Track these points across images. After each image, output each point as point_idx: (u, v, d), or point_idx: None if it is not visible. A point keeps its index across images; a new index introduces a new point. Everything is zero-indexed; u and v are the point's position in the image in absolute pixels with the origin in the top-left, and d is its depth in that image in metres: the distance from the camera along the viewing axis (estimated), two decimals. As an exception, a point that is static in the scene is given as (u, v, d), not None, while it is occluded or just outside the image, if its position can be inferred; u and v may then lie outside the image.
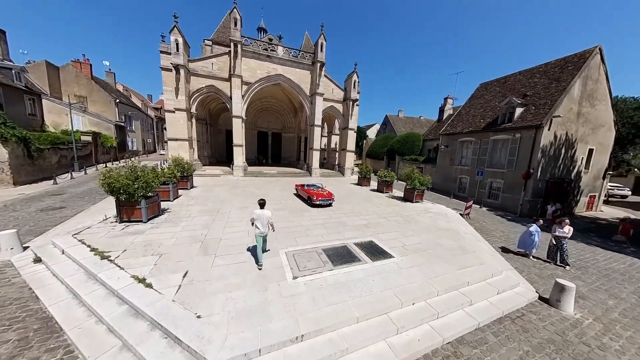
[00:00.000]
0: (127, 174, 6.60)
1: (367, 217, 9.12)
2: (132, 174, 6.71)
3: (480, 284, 4.84)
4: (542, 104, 12.77)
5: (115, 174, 6.41)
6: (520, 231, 9.94)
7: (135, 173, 6.75)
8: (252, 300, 3.75)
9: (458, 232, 8.02)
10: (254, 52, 18.74)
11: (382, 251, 5.95)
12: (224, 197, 11.09)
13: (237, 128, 18.72)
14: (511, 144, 13.44)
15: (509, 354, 3.37)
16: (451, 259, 5.77)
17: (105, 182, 6.21)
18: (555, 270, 6.29)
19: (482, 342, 3.56)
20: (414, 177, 12.06)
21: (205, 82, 17.98)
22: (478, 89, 19.24)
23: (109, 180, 6.21)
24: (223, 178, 17.67)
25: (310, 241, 6.34)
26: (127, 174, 6.62)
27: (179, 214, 8.01)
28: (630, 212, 16.62)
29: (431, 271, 5.06)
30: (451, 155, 17.71)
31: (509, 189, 13.63)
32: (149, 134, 39.83)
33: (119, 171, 6.67)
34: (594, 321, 4.29)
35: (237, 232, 6.67)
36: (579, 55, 13.13)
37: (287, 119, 30.62)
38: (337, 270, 4.82)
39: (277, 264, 5.00)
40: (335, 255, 5.53)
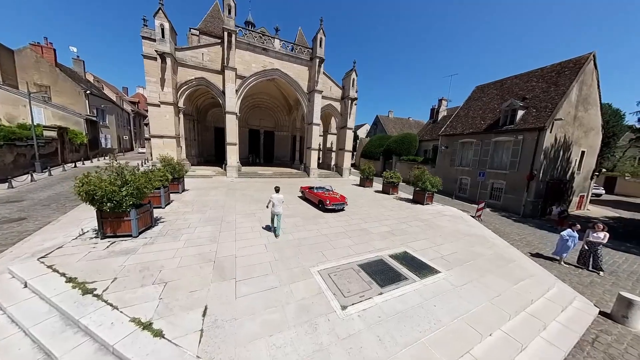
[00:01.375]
0: (113, 179, 5.29)
1: (386, 222, 8.49)
2: (118, 178, 5.40)
3: (541, 301, 4.36)
4: (543, 107, 13.08)
5: (96, 179, 5.08)
6: (533, 233, 9.96)
7: (122, 177, 5.45)
8: (304, 348, 2.86)
9: (485, 237, 7.67)
10: (249, 44, 17.41)
11: (423, 264, 5.31)
12: (224, 201, 9.87)
13: (231, 125, 17.27)
14: (513, 146, 13.64)
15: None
16: (498, 270, 5.28)
17: (83, 189, 4.88)
18: (591, 277, 6.09)
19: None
20: (425, 178, 11.69)
21: (194, 74, 16.32)
22: (474, 91, 19.59)
23: (87, 188, 4.88)
24: (216, 180, 16.16)
25: (340, 254, 5.53)
26: (112, 178, 5.31)
27: (177, 225, 6.76)
28: (612, 210, 17.89)
29: (489, 288, 4.50)
30: (451, 156, 17.80)
31: (511, 190, 13.83)
32: (125, 130, 36.23)
33: (100, 175, 5.34)
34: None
35: (253, 247, 5.65)
36: (574, 61, 13.67)
37: (281, 116, 29.36)
38: (388, 294, 4.07)
39: (315, 287, 4.13)
40: (376, 273, 4.77)
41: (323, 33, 19.25)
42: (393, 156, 25.10)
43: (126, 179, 5.43)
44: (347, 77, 22.20)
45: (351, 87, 21.85)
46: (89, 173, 5.23)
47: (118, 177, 5.41)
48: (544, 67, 15.13)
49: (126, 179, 5.43)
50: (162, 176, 7.95)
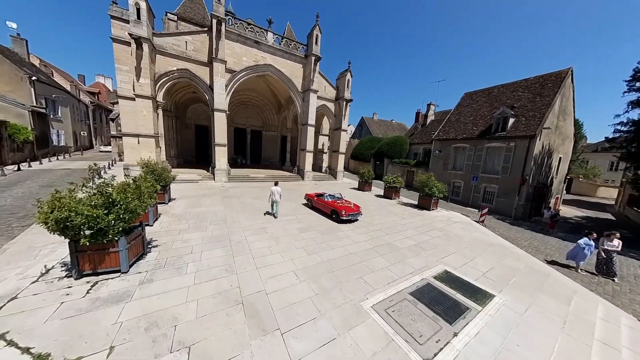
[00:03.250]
0: (96, 199, 3.94)
1: (406, 233, 8.09)
2: (101, 197, 4.05)
3: (599, 323, 4.20)
4: (532, 116, 13.97)
5: (70, 201, 3.71)
6: (533, 237, 10.40)
7: (107, 196, 4.11)
8: None
9: (504, 247, 7.67)
10: (240, 35, 15.89)
11: (472, 287, 4.91)
12: (223, 213, 8.58)
13: (220, 124, 15.62)
14: (505, 152, 14.38)
15: None
16: (544, 288, 5.12)
17: (54, 217, 3.49)
18: (609, 284, 6.30)
19: None
20: (432, 184, 11.64)
21: (176, 65, 14.34)
22: (464, 97, 20.49)
23: (59, 214, 3.51)
24: (204, 185, 14.42)
25: (382, 280, 4.88)
26: (94, 198, 3.95)
27: (175, 249, 5.48)
28: (577, 209, 20.10)
29: (551, 313, 4.22)
30: (445, 160, 18.32)
31: (503, 194, 14.58)
32: (82, 124, 31.26)
33: (73, 193, 3.94)
34: None
35: (281, 276, 4.71)
36: (555, 74, 14.88)
37: (269, 115, 27.86)
38: (462, 334, 3.52)
39: (379, 333, 3.40)
40: (433, 302, 4.22)
41: (319, 29, 18.45)
42: (385, 159, 25.29)
43: (112, 198, 4.08)
44: (342, 77, 21.71)
45: (346, 88, 21.41)
46: (59, 192, 3.80)
47: (101, 196, 4.05)
48: (527, 78, 16.30)
49: (112, 198, 4.08)
50: (150, 187, 6.48)
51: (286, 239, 6.68)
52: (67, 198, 3.68)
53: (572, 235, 11.44)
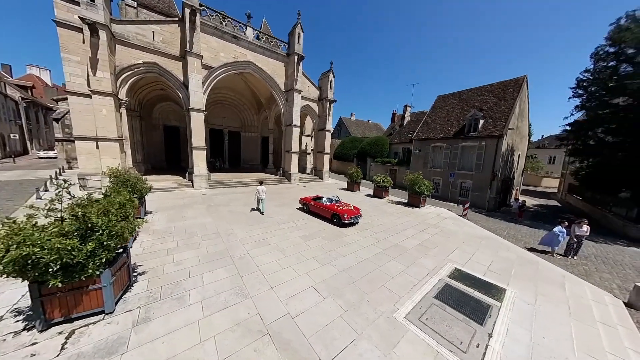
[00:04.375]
0: (69, 226, 3.06)
1: (407, 233, 8.25)
2: (76, 222, 3.17)
3: (594, 305, 4.72)
4: (498, 118, 15.60)
5: (32, 231, 2.80)
6: (509, 227, 11.55)
7: (83, 221, 3.23)
8: None
9: (494, 239, 8.34)
10: (216, 29, 14.66)
11: (483, 282, 5.13)
12: (214, 225, 7.71)
13: (197, 125, 14.20)
14: (478, 150, 15.82)
15: None
16: (540, 277, 5.60)
17: (11, 257, 2.56)
18: (579, 266, 7.22)
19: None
20: (420, 182, 12.18)
21: (142, 57, 12.59)
22: (437, 100, 22.04)
23: (19, 252, 2.60)
24: (181, 193, 12.94)
25: (404, 286, 4.80)
26: (66, 226, 3.06)
27: (167, 274, 4.65)
28: (532, 198, 23.17)
29: (557, 300, 4.60)
30: (424, 159, 19.47)
31: (477, 188, 16.02)
32: (11, 125, 25.76)
33: (33, 220, 3.00)
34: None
35: (301, 294, 4.30)
36: (514, 81, 16.87)
37: (248, 115, 26.46)
38: (496, 335, 3.58)
39: (423, 347, 3.26)
40: (458, 304, 4.27)
41: (301, 28, 18.03)
42: (368, 158, 25.94)
43: (92, 222, 3.22)
44: (324, 77, 21.59)
45: (329, 89, 21.35)
46: (13, 221, 2.84)
47: (75, 221, 3.16)
48: (491, 84, 18.21)
49: (92, 222, 3.22)
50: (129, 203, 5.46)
51: (292, 249, 6.23)
52: (28, 228, 2.76)
53: (535, 222, 13.05)
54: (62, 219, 3.25)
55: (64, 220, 3.20)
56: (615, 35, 12.00)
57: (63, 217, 3.23)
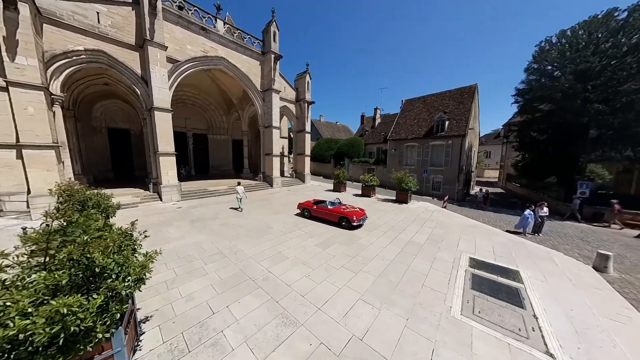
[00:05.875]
0: (65, 276, 2.04)
1: (411, 229, 8.60)
2: (76, 269, 2.17)
3: (581, 275, 5.67)
4: (459, 119, 17.88)
5: (17, 298, 1.76)
6: (480, 214, 13.26)
7: (81, 267, 2.23)
8: None
9: (481, 227, 9.36)
10: (181, 18, 12.87)
11: (500, 268, 5.65)
12: (210, 243, 6.60)
13: (164, 127, 12.15)
14: (445, 148, 17.81)
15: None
16: (534, 256, 6.48)
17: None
18: (547, 241, 8.70)
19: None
20: (407, 180, 12.98)
21: (83, 43, 10.10)
22: (405, 103, 24.05)
23: (6, 333, 1.57)
24: (148, 208, 10.80)
25: (440, 281, 4.89)
26: (62, 276, 2.04)
27: (182, 314, 3.68)
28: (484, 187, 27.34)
29: (557, 275, 5.36)
30: (399, 158, 20.95)
31: (447, 182, 18.01)
32: None
33: (12, 281, 1.91)
34: (628, 275, 6.19)
35: (352, 308, 3.93)
36: (468, 88, 19.63)
37: (216, 116, 24.18)
38: (539, 315, 3.91)
39: (491, 340, 3.30)
40: (493, 292, 4.56)
41: (276, 26, 17.29)
42: (345, 159, 26.55)
43: (99, 264, 2.25)
44: (301, 79, 21.20)
45: (306, 90, 21.05)
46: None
47: (73, 267, 2.15)
48: (450, 89, 20.82)
49: (99, 264, 2.25)
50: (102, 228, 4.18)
51: (315, 260, 5.76)
52: (9, 294, 1.71)
53: (495, 207, 15.34)
54: (45, 266, 2.18)
55: (50, 269, 2.15)
56: (538, 55, 15.10)
57: (50, 262, 2.16)
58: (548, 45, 14.90)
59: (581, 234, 9.97)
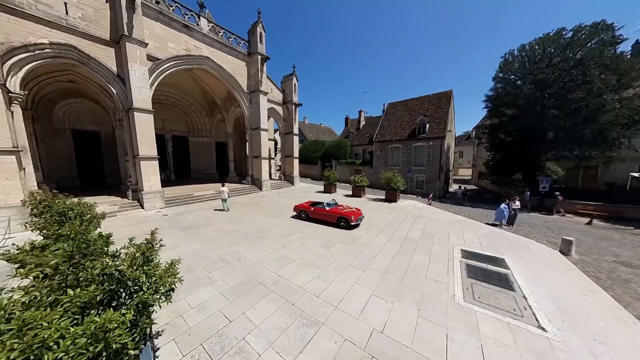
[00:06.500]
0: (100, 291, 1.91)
1: (404, 226, 9.08)
2: (109, 284, 2.04)
3: (553, 258, 6.50)
4: (438, 122, 19.24)
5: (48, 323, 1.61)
6: (461, 210, 14.39)
7: (110, 278, 2.10)
8: None
9: (464, 220, 10.21)
10: (161, 14, 12.23)
11: (487, 257, 6.25)
12: (209, 251, 6.36)
13: (145, 129, 11.36)
14: (427, 149, 19.03)
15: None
16: (516, 245, 7.25)
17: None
18: (520, 231, 9.77)
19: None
20: (395, 180, 13.65)
21: (48, 35, 9.10)
22: (388, 107, 25.21)
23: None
24: (129, 217, 9.99)
25: (440, 272, 5.29)
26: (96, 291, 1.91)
27: (197, 326, 3.55)
28: (459, 184, 29.53)
29: (536, 260, 6.09)
30: (385, 158, 21.87)
31: (429, 180, 19.23)
32: None
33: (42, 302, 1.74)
34: (587, 257, 7.21)
35: (367, 304, 4.09)
36: (445, 93, 21.23)
37: (197, 118, 23.11)
38: (528, 296, 4.45)
39: (494, 322, 3.70)
40: (487, 279, 5.06)
41: (262, 27, 17.13)
42: (332, 160, 26.95)
43: (132, 277, 2.14)
44: (288, 81, 21.15)
45: (293, 92, 21.05)
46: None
47: (106, 282, 2.02)
48: (430, 94, 22.32)
49: (132, 277, 2.14)
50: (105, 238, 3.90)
51: (322, 261, 5.85)
52: (43, 314, 1.56)
53: (472, 203, 16.75)
54: (66, 284, 2.01)
55: (75, 286, 1.99)
56: (503, 66, 16.90)
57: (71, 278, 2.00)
58: (511, 57, 16.75)
59: (545, 223, 11.36)
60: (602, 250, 7.72)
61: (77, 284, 2.10)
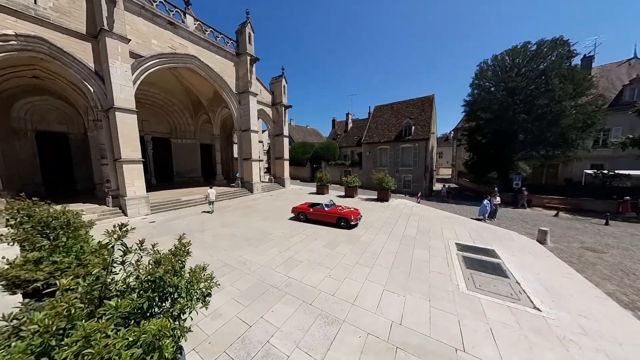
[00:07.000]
0: (146, 298, 1.83)
1: (400, 223, 9.47)
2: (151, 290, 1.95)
3: (534, 248, 7.23)
4: (423, 125, 20.34)
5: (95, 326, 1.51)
6: (445, 206, 15.32)
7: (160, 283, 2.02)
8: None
9: (453, 216, 10.91)
10: (144, 9, 11.63)
11: (479, 249, 6.78)
12: (210, 257, 6.14)
13: (128, 131, 10.63)
14: (413, 150, 20.01)
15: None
16: (503, 238, 7.94)
17: None
18: (502, 224, 10.68)
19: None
20: (387, 180, 14.18)
21: (14, 26, 8.16)
22: (375, 109, 26.07)
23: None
24: (110, 226, 9.15)
25: (442, 265, 5.64)
26: (142, 299, 1.82)
27: (213, 333, 3.45)
28: (441, 183, 31.33)
29: (519, 250, 6.74)
30: (373, 160, 22.57)
31: (416, 180, 20.20)
32: None
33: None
34: (559, 244, 8.11)
35: (383, 298, 4.25)
36: (427, 98, 22.51)
37: (180, 119, 22.07)
38: (521, 281, 4.92)
39: (498, 307, 4.06)
40: (483, 268, 5.50)
41: (251, 27, 16.88)
42: (322, 162, 27.16)
43: (172, 284, 2.06)
44: (277, 82, 21.00)
45: (283, 94, 20.95)
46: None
47: (148, 288, 1.93)
48: (414, 98, 23.52)
49: (172, 284, 2.06)
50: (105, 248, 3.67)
51: (329, 261, 5.93)
52: (96, 325, 1.46)
53: (455, 200, 17.92)
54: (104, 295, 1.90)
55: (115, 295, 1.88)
56: (478, 73, 18.42)
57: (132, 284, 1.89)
58: (485, 66, 18.30)
59: (520, 217, 12.54)
60: (570, 239, 8.74)
61: (107, 294, 1.99)
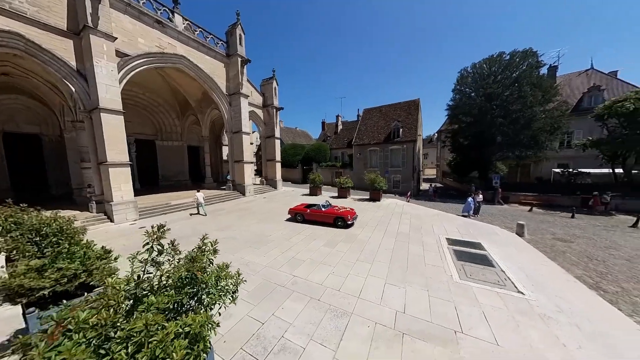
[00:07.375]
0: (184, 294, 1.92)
1: (393, 221, 9.91)
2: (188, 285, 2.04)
3: (517, 241, 7.93)
4: (410, 127, 21.29)
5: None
6: (433, 205, 16.16)
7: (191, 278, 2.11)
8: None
9: (441, 214, 11.57)
10: (130, 6, 11.28)
11: (467, 242, 7.32)
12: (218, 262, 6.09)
13: (113, 132, 10.19)
14: (402, 151, 20.86)
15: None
16: (484, 231, 8.60)
17: None
18: (484, 220, 11.51)
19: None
20: (379, 181, 14.70)
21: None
22: (364, 112, 26.81)
23: None
24: (98, 232, 8.81)
25: (436, 258, 6.05)
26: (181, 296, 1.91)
27: (227, 332, 3.53)
28: (428, 182, 32.74)
29: (504, 244, 7.37)
30: (364, 161, 23.19)
31: (405, 180, 21.05)
32: None
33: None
34: (534, 236, 8.94)
35: (385, 291, 4.52)
36: (413, 102, 23.60)
37: (166, 120, 21.34)
38: (506, 270, 5.44)
39: (488, 293, 4.50)
40: (471, 259, 5.99)
41: (242, 29, 16.79)
42: (313, 163, 27.38)
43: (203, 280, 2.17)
44: (268, 84, 20.97)
45: (274, 96, 20.95)
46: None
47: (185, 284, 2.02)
48: (401, 101, 24.52)
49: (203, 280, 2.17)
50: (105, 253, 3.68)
51: (331, 259, 6.13)
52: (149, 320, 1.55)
53: (441, 199, 18.91)
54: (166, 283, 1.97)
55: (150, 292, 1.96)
56: (459, 80, 19.71)
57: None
58: (466, 73, 19.61)
59: (500, 212, 13.58)
60: (543, 231, 9.68)
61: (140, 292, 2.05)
